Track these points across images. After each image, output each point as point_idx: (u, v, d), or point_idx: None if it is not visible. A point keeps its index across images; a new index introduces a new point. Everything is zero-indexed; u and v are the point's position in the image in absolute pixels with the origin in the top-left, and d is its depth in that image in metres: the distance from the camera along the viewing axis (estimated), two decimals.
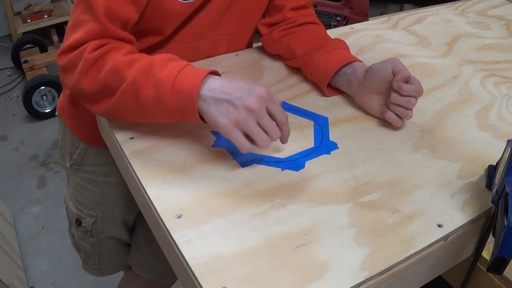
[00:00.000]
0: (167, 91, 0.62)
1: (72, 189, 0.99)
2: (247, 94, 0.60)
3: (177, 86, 0.61)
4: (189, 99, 0.61)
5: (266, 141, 0.61)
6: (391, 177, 0.68)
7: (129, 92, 0.64)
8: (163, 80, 0.62)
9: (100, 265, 1.09)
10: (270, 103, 0.62)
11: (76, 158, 0.94)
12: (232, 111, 0.60)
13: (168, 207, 0.61)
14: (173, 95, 0.62)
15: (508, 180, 0.55)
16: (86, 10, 0.68)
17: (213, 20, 0.83)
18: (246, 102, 0.60)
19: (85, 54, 0.66)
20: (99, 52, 0.66)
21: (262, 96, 0.61)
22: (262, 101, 0.61)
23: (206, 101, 0.61)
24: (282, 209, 0.61)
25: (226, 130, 0.61)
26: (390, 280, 0.56)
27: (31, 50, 2.59)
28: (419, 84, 0.74)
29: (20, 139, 2.34)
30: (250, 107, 0.60)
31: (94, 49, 0.67)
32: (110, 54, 0.66)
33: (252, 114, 0.60)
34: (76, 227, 1.02)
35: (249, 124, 0.60)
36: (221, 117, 0.61)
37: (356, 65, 0.81)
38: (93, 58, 0.66)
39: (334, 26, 2.30)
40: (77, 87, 0.69)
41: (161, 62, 0.64)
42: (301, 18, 0.91)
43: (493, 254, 0.54)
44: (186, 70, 0.63)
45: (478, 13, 1.25)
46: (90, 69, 0.67)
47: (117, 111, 0.68)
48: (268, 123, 0.61)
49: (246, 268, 0.53)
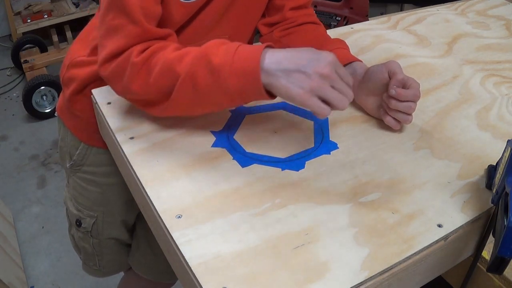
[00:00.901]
0: (226, 76, 0.61)
1: (72, 190, 0.99)
2: (316, 61, 0.60)
3: (235, 68, 0.61)
4: (252, 78, 0.61)
5: (345, 102, 0.61)
6: (391, 177, 0.68)
7: (186, 86, 0.63)
8: (219, 66, 0.61)
9: (100, 266, 1.09)
10: (338, 66, 0.62)
11: (76, 159, 0.94)
12: (305, 80, 0.60)
13: (168, 207, 0.61)
14: (234, 79, 0.61)
15: (508, 180, 0.55)
16: (119, 14, 0.65)
17: (214, 20, 0.83)
18: (317, 69, 0.60)
19: (131, 59, 0.65)
20: (146, 55, 0.65)
21: (331, 61, 0.61)
22: (332, 65, 0.61)
23: (274, 75, 0.61)
24: (282, 209, 0.61)
25: (303, 99, 0.60)
26: (390, 280, 0.56)
27: (31, 50, 2.59)
28: (416, 88, 0.73)
29: (20, 139, 2.34)
30: (324, 73, 0.60)
31: (140, 52, 0.65)
32: (157, 54, 0.65)
33: (326, 80, 0.60)
34: (76, 228, 1.02)
35: (325, 90, 0.60)
36: (294, 88, 0.60)
37: (356, 65, 0.81)
38: (141, 61, 0.65)
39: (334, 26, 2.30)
40: (128, 93, 0.68)
41: (213, 48, 0.63)
42: (301, 18, 0.91)
43: (493, 254, 0.54)
44: (241, 50, 0.62)
45: (478, 13, 1.25)
46: (139, 73, 0.65)
47: (175, 107, 0.67)
48: (342, 85, 0.61)
49: (246, 268, 0.53)
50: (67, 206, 1.03)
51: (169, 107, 0.67)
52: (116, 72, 0.67)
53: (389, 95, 0.73)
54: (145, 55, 0.65)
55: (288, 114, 0.80)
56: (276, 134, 0.75)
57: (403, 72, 0.74)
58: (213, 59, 0.62)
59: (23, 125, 2.44)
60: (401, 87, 0.73)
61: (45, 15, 2.80)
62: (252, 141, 0.73)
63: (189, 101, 0.65)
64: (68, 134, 0.94)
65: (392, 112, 0.74)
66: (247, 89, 0.62)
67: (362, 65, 0.82)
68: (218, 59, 0.61)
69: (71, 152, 0.95)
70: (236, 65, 0.61)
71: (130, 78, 0.65)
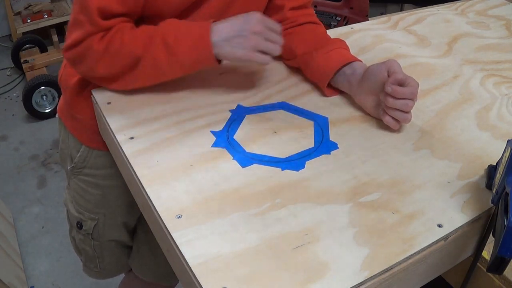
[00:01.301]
0: (183, 52, 0.73)
1: (72, 192, 0.99)
2: (248, 22, 0.73)
3: (189, 46, 0.73)
4: (205, 52, 0.73)
5: (278, 48, 0.75)
6: (391, 177, 0.68)
7: (146, 64, 0.74)
8: (175, 43, 0.72)
9: (101, 268, 1.08)
10: (267, 21, 0.74)
11: (77, 161, 0.93)
12: (244, 41, 0.72)
13: (168, 207, 0.61)
14: (189, 55, 0.73)
15: (508, 180, 0.55)
16: (82, 10, 0.72)
17: (212, 18, 0.83)
18: (252, 29, 0.72)
19: (93, 47, 0.72)
20: (106, 40, 0.72)
21: (259, 19, 0.73)
22: (261, 22, 0.73)
23: (219, 46, 0.73)
24: (282, 209, 0.61)
25: (247, 57, 0.73)
26: (390, 280, 0.56)
27: (31, 50, 2.59)
28: (414, 86, 0.73)
29: (20, 139, 2.34)
30: (256, 31, 0.72)
31: (99, 39, 0.73)
32: (116, 38, 0.73)
33: (260, 35, 0.73)
34: (77, 230, 1.01)
35: (261, 43, 0.73)
36: (238, 50, 0.73)
37: (355, 65, 0.81)
38: (103, 47, 0.72)
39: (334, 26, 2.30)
40: (92, 74, 0.77)
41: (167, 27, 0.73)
42: (301, 18, 0.91)
43: (493, 254, 0.54)
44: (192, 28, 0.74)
45: (478, 13, 1.25)
46: (103, 58, 0.73)
47: (134, 82, 0.78)
48: (274, 36, 0.75)
49: (246, 268, 0.53)
50: (68, 209, 1.02)
51: (130, 83, 0.78)
52: (77, 58, 0.76)
53: (386, 92, 0.73)
54: (106, 41, 0.73)
55: (288, 114, 0.80)
56: (276, 134, 0.75)
57: (402, 71, 0.74)
58: (168, 39, 0.72)
59: (23, 125, 2.44)
60: (398, 86, 0.73)
61: (45, 15, 2.80)
62: (252, 141, 0.73)
63: (149, 75, 0.76)
64: (69, 136, 0.94)
65: (390, 110, 0.74)
66: (201, 60, 0.74)
67: (362, 65, 0.82)
68: (173, 38, 0.72)
69: (72, 155, 0.94)
70: (189, 42, 0.72)
71: (95, 62, 0.74)
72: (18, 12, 2.85)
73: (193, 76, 0.87)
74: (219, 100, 0.82)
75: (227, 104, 0.81)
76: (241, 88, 0.85)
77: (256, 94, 0.84)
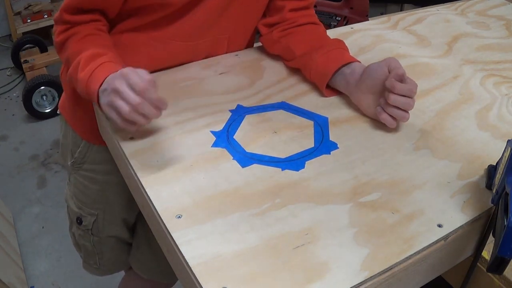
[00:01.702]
0: (81, 88, 0.73)
1: (73, 187, 0.99)
2: (112, 79, 0.67)
3: (86, 87, 0.72)
4: (94, 97, 0.71)
5: (124, 107, 0.65)
6: (391, 177, 0.68)
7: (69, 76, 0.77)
8: (80, 80, 0.72)
9: (100, 264, 1.09)
10: (128, 77, 0.65)
11: (78, 156, 0.94)
12: (106, 97, 0.68)
13: (168, 207, 0.61)
14: (84, 93, 0.73)
15: (508, 180, 0.55)
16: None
17: (212, 18, 0.83)
18: (111, 85, 0.67)
19: (54, 38, 0.79)
20: (62, 36, 0.78)
21: (122, 74, 0.66)
22: (120, 79, 0.66)
23: (100, 95, 0.70)
24: (282, 209, 0.61)
25: (105, 111, 0.69)
26: (390, 280, 0.56)
27: (31, 50, 2.59)
28: (413, 84, 0.73)
29: (20, 139, 2.34)
30: (114, 88, 0.66)
31: (60, 32, 0.78)
32: (69, 40, 0.77)
33: (116, 93, 0.66)
34: (77, 226, 1.02)
35: (114, 103, 0.66)
36: (103, 104, 0.69)
37: (354, 65, 0.81)
38: (59, 42, 0.78)
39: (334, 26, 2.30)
40: None
41: (84, 61, 0.73)
42: (301, 19, 0.91)
43: (493, 254, 0.54)
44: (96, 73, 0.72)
45: (478, 13, 1.25)
46: (59, 52, 0.80)
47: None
48: (126, 94, 0.65)
49: (246, 268, 0.53)
50: (68, 204, 1.03)
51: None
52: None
53: (387, 88, 0.73)
54: (61, 37, 0.78)
55: (288, 114, 0.80)
56: (276, 134, 0.75)
57: (402, 68, 0.74)
58: (79, 74, 0.72)
59: (23, 125, 2.44)
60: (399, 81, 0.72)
61: (45, 15, 2.80)
62: (252, 141, 0.73)
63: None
64: (70, 131, 0.94)
65: (390, 108, 0.74)
66: (91, 98, 0.73)
67: (360, 65, 0.82)
68: (82, 75, 0.72)
69: (73, 150, 0.95)
70: (87, 86, 0.71)
71: (56, 51, 0.81)
72: (18, 12, 2.85)
73: (193, 76, 0.87)
74: (219, 100, 0.82)
75: (227, 104, 0.81)
76: (241, 88, 0.85)
77: (256, 94, 0.84)
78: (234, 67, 0.91)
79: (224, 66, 0.91)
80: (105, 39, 0.79)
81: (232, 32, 0.90)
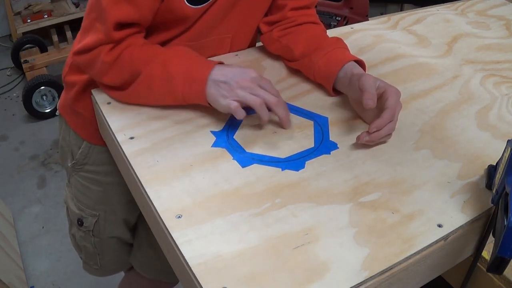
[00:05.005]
0: (178, 83, 0.73)
1: (73, 189, 0.99)
2: (241, 75, 0.72)
3: (187, 78, 0.73)
4: (198, 87, 0.73)
5: (257, 100, 0.71)
6: (391, 177, 0.68)
7: (142, 85, 0.75)
8: (175, 74, 0.73)
9: (101, 265, 1.09)
10: (261, 81, 0.73)
11: (79, 157, 0.94)
12: (229, 90, 0.71)
13: (168, 207, 0.61)
14: (182, 87, 0.73)
15: (508, 180, 0.55)
16: (99, 19, 0.72)
17: (217, 19, 0.83)
18: (239, 82, 0.72)
19: (102, 57, 0.74)
20: (116, 53, 0.74)
21: (253, 77, 0.73)
22: (253, 80, 0.73)
23: (209, 84, 0.72)
24: (282, 209, 0.61)
25: (225, 104, 0.71)
26: (390, 280, 0.56)
27: (31, 50, 2.59)
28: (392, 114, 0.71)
29: (20, 139, 2.34)
30: (243, 85, 0.71)
31: (109, 50, 0.74)
32: (127, 52, 0.74)
33: (245, 89, 0.71)
34: (78, 228, 1.02)
35: (243, 95, 0.71)
36: (220, 96, 0.72)
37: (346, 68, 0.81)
38: (111, 60, 0.74)
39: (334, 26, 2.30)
40: (98, 80, 0.79)
41: (174, 57, 0.74)
42: (301, 18, 0.91)
43: (493, 254, 0.54)
44: (196, 63, 0.74)
45: (478, 13, 1.25)
46: (110, 69, 0.75)
47: (132, 96, 0.78)
48: (261, 91, 0.72)
49: (246, 268, 0.53)
50: (68, 206, 1.03)
51: (128, 97, 0.78)
52: (86, 64, 0.78)
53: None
54: (115, 53, 0.74)
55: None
56: (276, 134, 0.75)
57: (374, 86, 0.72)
58: (171, 68, 0.73)
59: (23, 125, 2.44)
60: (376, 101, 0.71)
61: (45, 15, 2.80)
62: (252, 141, 0.73)
63: (143, 93, 0.76)
64: (70, 132, 0.94)
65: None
66: (192, 95, 0.74)
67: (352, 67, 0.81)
68: (175, 68, 0.73)
69: (73, 151, 0.94)
70: (188, 75, 0.73)
71: (102, 73, 0.76)
72: (18, 12, 2.85)
73: None
74: None
75: None
76: None
77: None
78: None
79: None
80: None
81: (236, 32, 0.90)
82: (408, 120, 0.79)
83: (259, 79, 0.73)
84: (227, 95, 0.71)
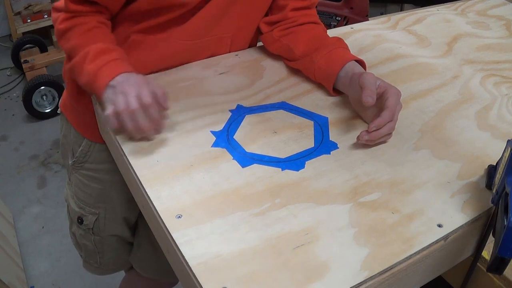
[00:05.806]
0: (89, 79, 0.74)
1: (74, 187, 0.99)
2: (132, 85, 0.70)
3: (95, 80, 0.73)
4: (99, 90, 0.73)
5: (121, 104, 0.69)
6: (391, 177, 0.68)
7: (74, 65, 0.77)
8: (88, 72, 0.74)
9: (101, 263, 1.09)
10: (141, 88, 0.70)
11: (79, 155, 0.94)
12: (111, 94, 0.70)
13: (168, 207, 0.61)
14: (87, 87, 0.76)
15: (508, 180, 0.55)
16: None
17: (215, 18, 0.83)
18: (124, 90, 0.70)
19: (57, 24, 0.79)
20: (66, 25, 0.77)
21: (143, 93, 0.69)
22: (135, 86, 0.70)
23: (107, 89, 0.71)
24: (282, 209, 0.61)
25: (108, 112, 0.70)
26: (390, 280, 0.56)
27: (31, 50, 2.59)
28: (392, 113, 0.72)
29: (20, 139, 2.34)
30: (123, 91, 0.69)
31: (63, 20, 0.78)
32: (75, 29, 0.77)
33: (122, 95, 0.69)
34: (78, 226, 1.02)
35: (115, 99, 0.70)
36: (105, 97, 0.71)
37: (347, 68, 0.81)
38: (62, 29, 0.78)
39: (334, 26, 2.30)
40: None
41: (94, 54, 0.74)
42: (302, 18, 0.91)
43: (493, 254, 0.54)
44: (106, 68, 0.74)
45: (478, 13, 1.25)
46: (60, 38, 0.80)
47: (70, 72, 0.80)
48: (130, 98, 0.69)
49: (246, 268, 0.53)
50: (68, 204, 1.03)
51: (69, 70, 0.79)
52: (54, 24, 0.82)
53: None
54: (65, 26, 0.77)
55: (288, 114, 0.80)
56: (276, 134, 0.75)
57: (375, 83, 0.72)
58: (87, 65, 0.73)
59: (23, 125, 2.44)
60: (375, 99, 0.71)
61: (45, 15, 2.80)
62: (252, 141, 0.73)
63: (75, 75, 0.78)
64: (71, 130, 0.94)
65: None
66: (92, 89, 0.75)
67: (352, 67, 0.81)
68: (90, 67, 0.73)
69: (74, 149, 0.95)
70: (95, 79, 0.73)
71: (56, 36, 0.81)
72: (18, 12, 2.85)
73: (193, 76, 0.87)
74: (219, 100, 0.82)
75: (227, 104, 0.81)
76: (241, 88, 0.85)
77: (256, 94, 0.84)
78: (234, 67, 0.91)
79: (224, 66, 0.91)
80: (110, 34, 0.79)
81: (235, 31, 0.90)
82: (408, 120, 0.79)
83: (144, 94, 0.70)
84: (113, 100, 0.70)
